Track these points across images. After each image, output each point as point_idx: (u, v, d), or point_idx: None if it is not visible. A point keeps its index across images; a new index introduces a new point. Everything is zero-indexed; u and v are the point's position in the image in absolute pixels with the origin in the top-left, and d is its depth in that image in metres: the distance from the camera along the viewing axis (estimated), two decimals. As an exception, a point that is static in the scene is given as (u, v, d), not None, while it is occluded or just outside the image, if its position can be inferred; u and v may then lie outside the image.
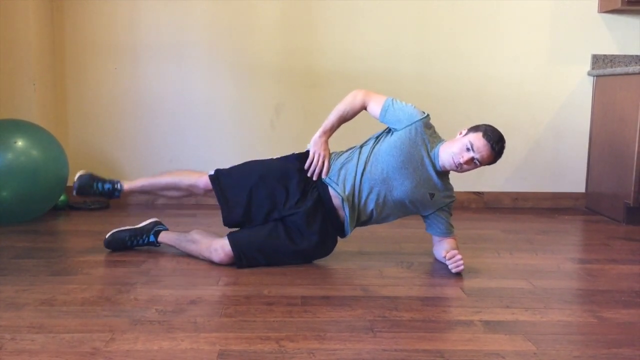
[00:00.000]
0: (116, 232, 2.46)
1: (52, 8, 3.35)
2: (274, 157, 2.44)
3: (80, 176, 2.43)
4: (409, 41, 3.48)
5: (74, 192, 2.42)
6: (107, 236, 2.45)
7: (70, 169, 3.10)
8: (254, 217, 2.30)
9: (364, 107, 2.34)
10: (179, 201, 2.59)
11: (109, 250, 2.45)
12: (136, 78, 3.43)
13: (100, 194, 2.45)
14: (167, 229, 2.50)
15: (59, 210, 3.26)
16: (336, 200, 2.30)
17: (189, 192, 2.45)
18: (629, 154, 3.15)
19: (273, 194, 2.30)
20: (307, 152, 2.37)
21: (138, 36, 3.40)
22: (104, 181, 2.45)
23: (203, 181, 2.38)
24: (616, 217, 3.28)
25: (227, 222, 2.34)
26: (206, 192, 2.39)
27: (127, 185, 2.47)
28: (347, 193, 2.27)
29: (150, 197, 3.51)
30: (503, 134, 2.26)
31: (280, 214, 2.29)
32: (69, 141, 3.45)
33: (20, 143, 2.82)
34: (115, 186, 2.45)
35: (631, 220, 3.18)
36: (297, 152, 2.43)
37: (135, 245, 2.46)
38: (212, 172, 2.39)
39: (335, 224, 2.34)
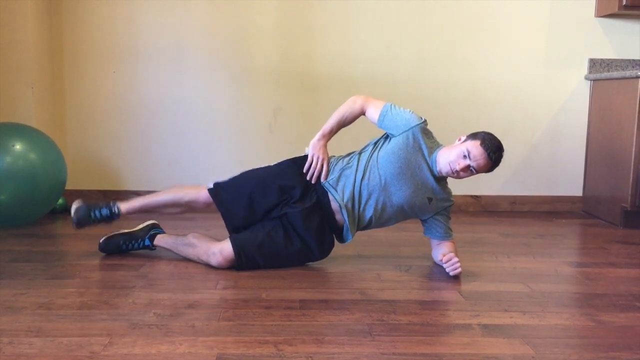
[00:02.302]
0: (111, 235, 2.45)
1: (51, 11, 3.35)
2: (272, 165, 2.43)
3: (77, 209, 2.39)
4: (407, 45, 3.49)
5: (74, 227, 2.39)
6: (101, 240, 2.45)
7: (68, 172, 3.10)
8: (257, 218, 2.32)
9: (363, 112, 2.34)
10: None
11: (104, 254, 2.45)
12: (135, 81, 3.43)
13: (100, 221, 2.41)
14: (163, 232, 2.50)
15: (57, 213, 3.26)
16: (334, 205, 2.30)
17: (190, 207, 2.44)
18: (626, 157, 3.16)
19: (273, 195, 2.30)
20: (303, 157, 2.37)
21: (137, 40, 3.40)
22: (100, 207, 2.41)
23: (203, 195, 2.37)
24: (613, 221, 3.29)
25: (231, 230, 2.34)
26: (207, 205, 2.39)
27: (124, 206, 2.43)
28: (345, 200, 2.28)
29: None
30: (500, 137, 2.27)
31: (280, 211, 2.29)
32: (67, 144, 3.45)
33: (18, 146, 2.81)
34: (113, 210, 2.41)
35: (628, 223, 3.18)
36: (293, 157, 2.44)
37: (130, 249, 2.46)
38: (210, 186, 2.38)
39: (333, 228, 2.34)
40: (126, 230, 2.47)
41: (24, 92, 3.16)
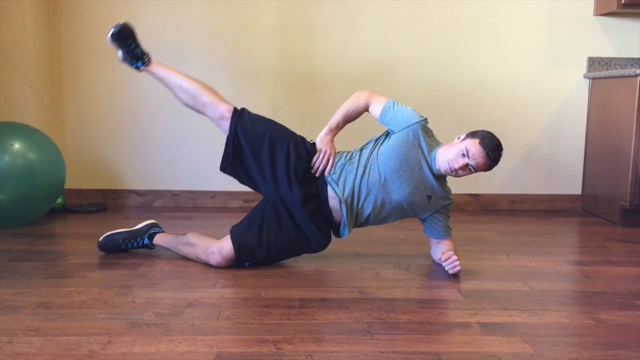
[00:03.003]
0: (110, 234, 2.45)
1: (49, 10, 3.35)
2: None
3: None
4: (406, 44, 3.49)
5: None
6: (100, 239, 2.45)
7: (67, 171, 3.10)
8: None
9: (367, 108, 2.35)
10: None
11: (103, 253, 2.45)
12: (134, 80, 3.43)
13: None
14: (163, 231, 2.50)
15: (56, 213, 3.26)
16: (332, 202, 2.30)
17: (205, 108, 2.42)
18: (625, 156, 3.17)
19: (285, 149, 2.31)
20: (313, 143, 2.37)
21: (135, 39, 3.39)
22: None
23: (224, 107, 2.37)
24: (612, 219, 3.29)
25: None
26: (222, 117, 2.37)
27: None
28: (345, 195, 2.28)
29: (147, 200, 3.51)
30: (499, 136, 2.27)
31: (280, 193, 2.28)
32: (66, 144, 3.45)
33: (17, 146, 2.81)
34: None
35: (627, 222, 3.19)
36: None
37: (129, 248, 2.46)
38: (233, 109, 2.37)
39: (330, 224, 2.34)
40: (125, 229, 2.47)
41: (23, 91, 3.16)
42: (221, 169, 2.36)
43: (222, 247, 2.26)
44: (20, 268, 2.25)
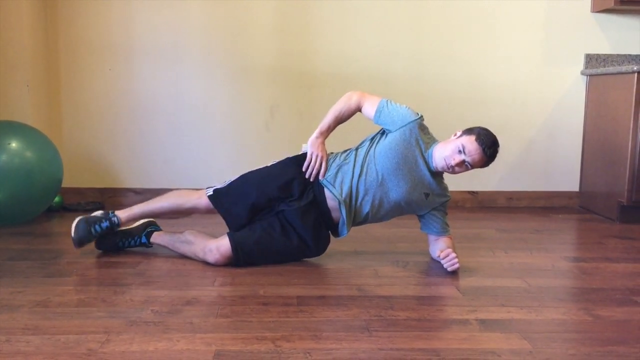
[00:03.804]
0: (107, 233, 2.44)
1: (46, 9, 3.34)
2: (269, 164, 2.42)
3: (76, 226, 2.34)
4: (404, 42, 3.49)
5: (75, 247, 2.35)
6: (98, 238, 2.44)
7: (64, 170, 3.09)
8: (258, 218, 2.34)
9: (359, 109, 2.34)
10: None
11: (101, 251, 2.44)
12: (131, 79, 3.43)
13: (101, 234, 2.39)
14: (160, 229, 2.50)
15: (53, 211, 3.25)
16: (331, 202, 2.30)
17: (190, 214, 2.46)
18: (622, 153, 3.17)
19: (274, 197, 2.30)
20: (303, 154, 2.37)
21: (133, 37, 3.39)
22: (100, 220, 2.38)
23: (204, 202, 2.36)
24: (610, 216, 3.30)
25: (234, 230, 2.33)
26: (207, 211, 2.37)
27: (123, 214, 2.41)
28: (344, 196, 2.28)
29: (145, 198, 3.49)
30: (497, 133, 2.27)
31: (278, 207, 2.30)
32: (63, 142, 3.44)
33: (14, 145, 2.81)
34: (112, 220, 2.39)
35: (624, 218, 3.19)
36: (291, 155, 2.43)
37: (126, 246, 2.45)
38: (210, 192, 2.36)
39: (329, 225, 2.35)
40: (123, 228, 2.47)
41: (20, 90, 3.15)
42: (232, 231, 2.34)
43: (220, 245, 2.25)
44: (18, 267, 2.24)
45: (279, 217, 2.29)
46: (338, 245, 2.51)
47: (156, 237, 2.44)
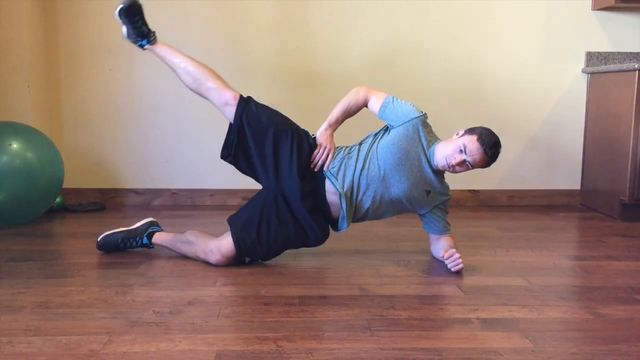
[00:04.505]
0: (109, 234, 2.45)
1: (46, 9, 3.34)
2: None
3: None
4: (404, 40, 3.48)
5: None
6: (99, 238, 2.44)
7: (65, 170, 3.09)
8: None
9: (365, 103, 2.35)
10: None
11: (102, 252, 2.44)
12: (131, 79, 3.42)
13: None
14: (161, 230, 2.50)
15: (54, 212, 3.25)
16: (331, 197, 2.30)
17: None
18: (624, 150, 3.16)
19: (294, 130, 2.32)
20: (314, 138, 2.37)
21: (132, 37, 3.39)
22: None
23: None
24: (611, 214, 3.29)
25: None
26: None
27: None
28: (345, 189, 2.27)
29: (146, 199, 3.51)
30: (498, 132, 2.27)
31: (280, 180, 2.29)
32: (63, 143, 3.44)
33: (15, 145, 2.81)
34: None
35: (626, 216, 3.19)
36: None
37: (128, 247, 2.45)
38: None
39: (328, 220, 2.34)
40: (124, 229, 2.47)
41: (20, 90, 3.15)
42: (222, 157, 2.36)
43: (221, 245, 2.25)
44: (19, 268, 2.25)
45: (278, 206, 2.27)
46: (339, 244, 2.51)
47: (157, 238, 2.44)
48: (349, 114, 2.36)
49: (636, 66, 3.03)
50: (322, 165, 2.32)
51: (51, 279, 2.12)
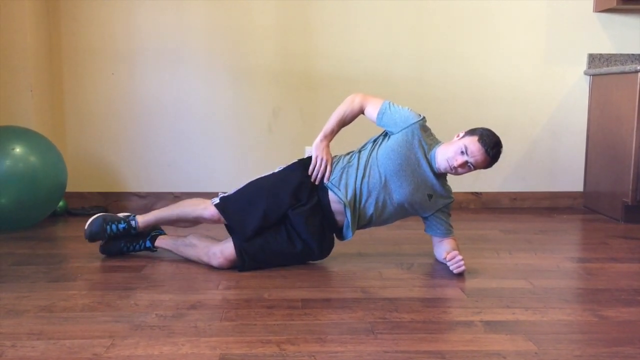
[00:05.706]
0: (111, 238, 2.44)
1: (49, 13, 3.35)
2: (276, 171, 2.39)
3: (92, 222, 2.38)
4: (406, 43, 3.48)
5: (87, 239, 2.38)
6: (102, 242, 2.44)
7: (68, 174, 3.10)
8: (269, 226, 2.30)
9: (362, 111, 2.34)
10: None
11: (105, 255, 2.44)
12: (134, 83, 3.43)
13: (115, 236, 2.41)
14: (164, 233, 2.50)
15: (57, 216, 3.26)
16: (335, 205, 2.30)
17: (197, 222, 2.41)
18: (626, 152, 3.16)
19: (286, 203, 2.27)
20: (308, 158, 2.37)
21: (135, 41, 3.40)
22: (118, 221, 2.39)
23: (209, 212, 2.30)
24: (614, 216, 3.29)
25: (241, 240, 2.27)
26: (213, 221, 2.33)
27: (141, 219, 2.42)
28: (349, 198, 2.27)
29: (148, 202, 3.51)
30: (500, 134, 2.26)
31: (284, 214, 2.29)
32: (66, 147, 3.45)
33: (18, 150, 2.81)
34: (131, 223, 2.40)
35: (629, 218, 3.18)
36: (295, 159, 2.43)
37: (131, 250, 2.46)
38: (216, 201, 2.33)
39: (333, 228, 2.34)
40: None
41: (23, 95, 3.16)
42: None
43: (224, 248, 2.26)
44: (22, 272, 2.25)
45: (285, 222, 2.29)
46: (342, 247, 2.51)
47: (160, 241, 2.44)
48: (344, 123, 2.35)
49: (638, 68, 3.03)
50: (322, 178, 2.32)
51: (54, 283, 2.12)
